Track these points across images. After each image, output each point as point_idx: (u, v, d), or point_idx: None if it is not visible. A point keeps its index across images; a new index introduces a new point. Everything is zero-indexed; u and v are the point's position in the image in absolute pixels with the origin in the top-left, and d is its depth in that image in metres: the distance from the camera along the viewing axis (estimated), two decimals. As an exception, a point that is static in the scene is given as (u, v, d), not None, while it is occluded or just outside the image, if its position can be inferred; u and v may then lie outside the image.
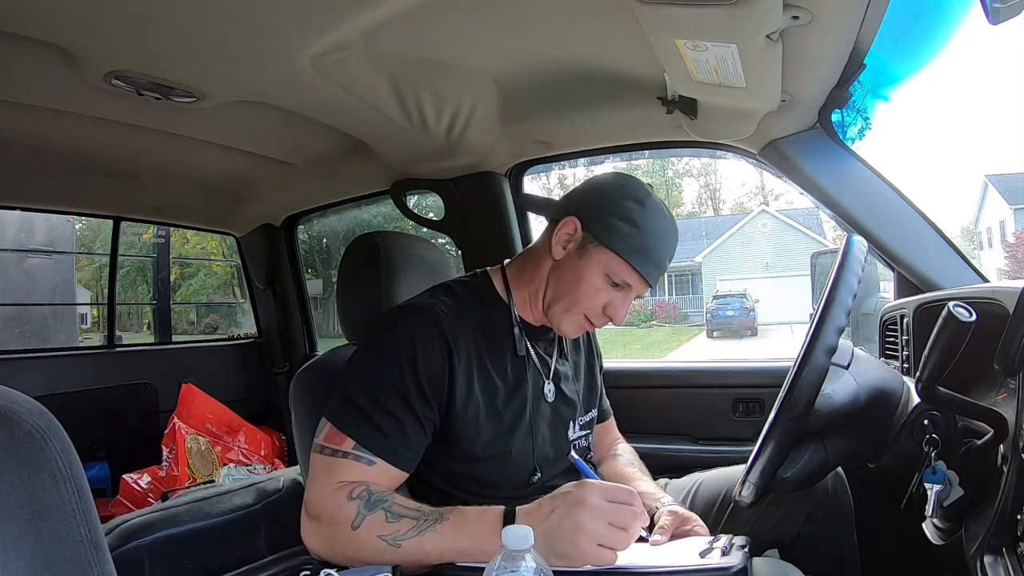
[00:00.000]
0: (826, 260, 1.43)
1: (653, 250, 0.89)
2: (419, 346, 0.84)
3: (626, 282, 0.89)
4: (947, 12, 1.06)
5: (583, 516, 0.70)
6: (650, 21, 0.82)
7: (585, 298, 0.90)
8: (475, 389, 0.88)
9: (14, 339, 5.19)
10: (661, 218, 0.90)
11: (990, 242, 15.19)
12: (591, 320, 0.92)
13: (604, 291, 0.90)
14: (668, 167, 26.65)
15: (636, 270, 0.88)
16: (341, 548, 0.77)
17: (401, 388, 0.83)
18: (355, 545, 0.75)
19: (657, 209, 0.90)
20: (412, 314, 0.88)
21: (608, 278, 0.89)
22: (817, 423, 0.80)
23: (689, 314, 18.60)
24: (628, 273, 0.89)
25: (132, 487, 1.95)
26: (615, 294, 0.91)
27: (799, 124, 1.24)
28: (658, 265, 0.89)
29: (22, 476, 0.38)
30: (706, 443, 1.49)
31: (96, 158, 1.58)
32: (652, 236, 0.89)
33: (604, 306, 0.91)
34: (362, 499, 0.76)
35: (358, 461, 0.80)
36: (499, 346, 0.93)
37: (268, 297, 2.33)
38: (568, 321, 0.92)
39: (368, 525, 0.75)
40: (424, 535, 0.74)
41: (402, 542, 0.73)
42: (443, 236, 1.78)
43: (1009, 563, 0.63)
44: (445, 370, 0.85)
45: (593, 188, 0.94)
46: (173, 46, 0.98)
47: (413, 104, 1.24)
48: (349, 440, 0.80)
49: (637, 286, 0.90)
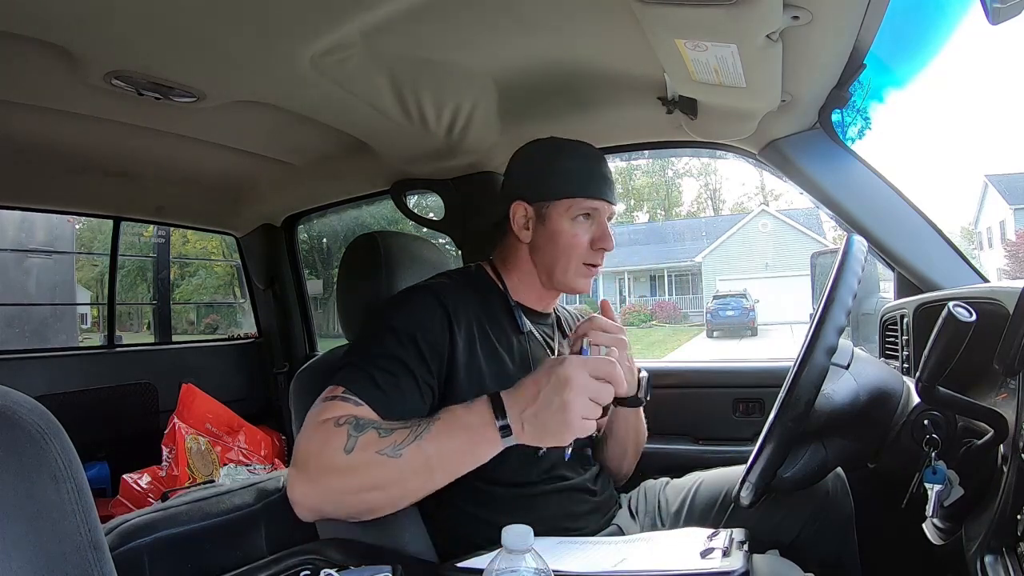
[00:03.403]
0: (826, 260, 1.43)
1: (585, 171, 0.97)
2: (419, 315, 0.88)
3: (588, 211, 0.97)
4: (947, 12, 1.06)
5: (570, 395, 0.70)
6: (650, 21, 0.82)
7: (570, 248, 0.96)
8: (478, 357, 0.91)
9: (14, 339, 5.19)
10: (574, 147, 0.99)
11: (990, 242, 15.20)
12: (589, 263, 0.98)
13: (579, 231, 0.97)
14: (668, 167, 26.73)
15: (588, 196, 0.96)
16: (335, 482, 0.73)
17: (400, 352, 0.84)
18: (351, 471, 0.72)
19: (566, 144, 1.00)
20: (411, 291, 0.94)
21: (574, 220, 0.96)
22: (817, 423, 0.80)
23: (689, 314, 18.61)
24: (584, 203, 0.96)
25: (132, 487, 1.95)
26: (589, 226, 0.98)
27: (799, 124, 1.24)
28: (599, 178, 0.97)
29: (22, 476, 0.38)
30: (706, 443, 1.49)
31: (96, 158, 1.58)
32: (579, 162, 0.97)
33: (590, 244, 0.97)
34: (349, 423, 0.74)
35: (344, 401, 0.79)
36: (500, 323, 0.97)
37: (268, 297, 2.33)
38: (573, 277, 0.98)
39: (362, 446, 0.72)
40: (421, 439, 0.72)
41: (401, 450, 0.72)
42: (443, 236, 1.78)
43: (1009, 563, 0.63)
44: (446, 337, 0.88)
45: (517, 169, 1.03)
46: (173, 46, 0.98)
47: (413, 104, 1.24)
48: (339, 388, 0.80)
49: (601, 207, 0.97)
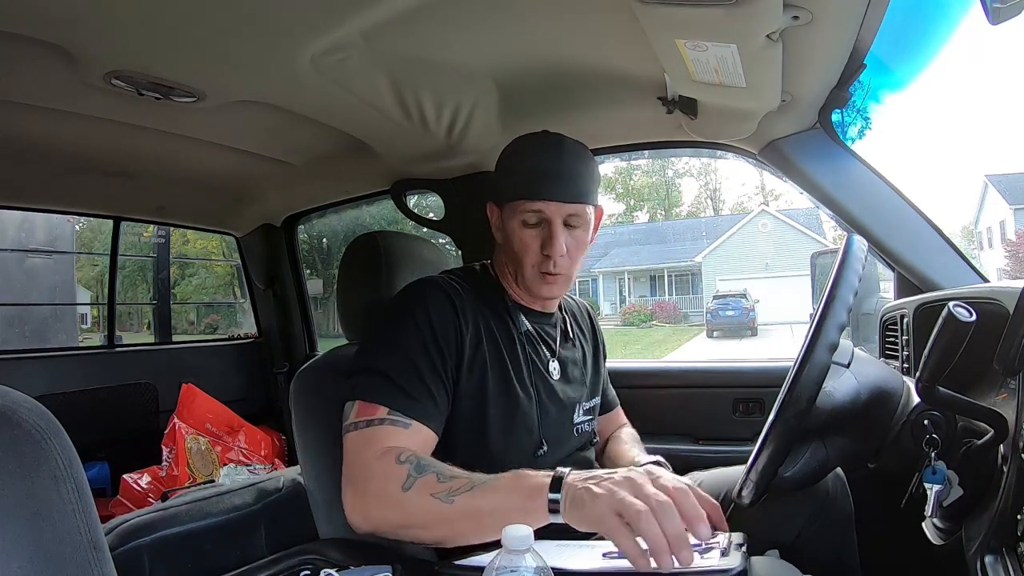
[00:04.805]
0: (826, 260, 1.43)
1: (535, 170, 0.91)
2: (430, 306, 0.89)
3: (535, 214, 0.92)
4: (947, 12, 1.06)
5: (619, 484, 0.66)
6: (650, 21, 0.82)
7: (521, 251, 0.94)
8: (483, 349, 0.91)
9: (14, 339, 5.20)
10: (536, 143, 0.94)
11: (990, 242, 15.20)
12: (543, 269, 0.94)
13: (529, 235, 0.93)
14: (668, 167, 26.72)
15: (530, 198, 0.91)
16: (390, 514, 0.76)
17: (421, 348, 0.85)
18: (406, 507, 0.74)
19: (529, 140, 0.95)
20: (418, 284, 0.94)
21: (524, 223, 0.93)
22: (818, 421, 0.80)
23: (689, 314, 18.61)
24: (527, 205, 0.91)
25: (132, 487, 1.95)
26: (541, 232, 0.93)
27: (799, 124, 1.24)
28: (548, 177, 0.90)
29: (22, 476, 0.38)
30: (706, 443, 1.49)
31: (96, 158, 1.58)
32: (532, 160, 0.92)
33: (541, 248, 0.93)
34: (411, 463, 0.76)
35: (394, 426, 0.80)
36: (503, 321, 0.97)
37: (268, 297, 2.33)
38: (531, 282, 0.96)
39: (420, 486, 0.74)
40: (476, 490, 0.73)
41: (455, 497, 0.73)
42: (443, 236, 1.78)
43: (1009, 563, 0.63)
44: (456, 326, 0.89)
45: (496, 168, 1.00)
46: (173, 46, 0.98)
47: (413, 104, 1.24)
48: (382, 408, 0.81)
49: (547, 210, 0.91)
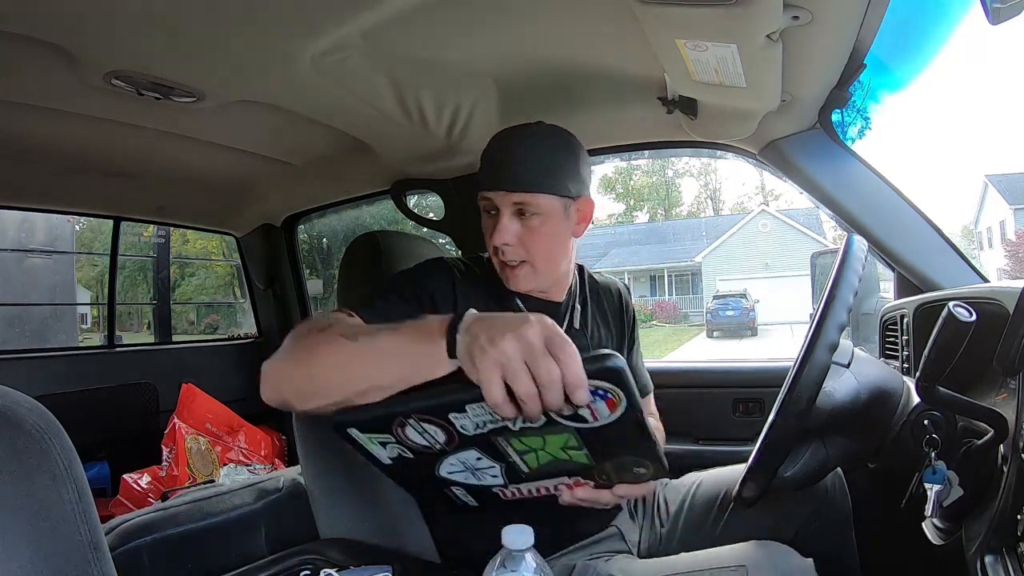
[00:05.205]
0: (826, 260, 1.43)
1: (489, 160, 0.93)
2: (429, 275, 0.93)
3: (488, 202, 0.94)
4: (947, 12, 1.06)
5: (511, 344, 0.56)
6: (650, 21, 0.82)
7: (485, 240, 0.96)
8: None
9: (14, 339, 5.19)
10: (502, 135, 0.95)
11: (990, 242, 15.21)
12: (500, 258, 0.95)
13: (488, 224, 0.95)
14: (668, 167, 26.75)
15: (482, 187, 0.93)
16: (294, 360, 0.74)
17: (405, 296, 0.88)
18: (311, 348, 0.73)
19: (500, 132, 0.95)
20: (423, 262, 0.98)
21: (486, 212, 0.96)
22: (818, 420, 0.80)
23: (689, 314, 18.63)
24: (484, 194, 0.93)
25: (132, 487, 1.94)
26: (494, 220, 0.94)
27: (799, 124, 1.24)
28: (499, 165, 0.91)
29: (22, 476, 0.38)
30: (706, 443, 1.49)
31: (96, 158, 1.58)
32: (491, 150, 0.93)
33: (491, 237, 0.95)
34: (323, 318, 0.80)
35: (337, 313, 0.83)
36: (500, 307, 0.96)
37: (268, 297, 2.33)
38: (498, 270, 0.97)
39: (332, 331, 0.74)
40: (382, 332, 0.71)
41: (360, 336, 0.72)
42: (443, 236, 1.78)
43: (1009, 563, 0.63)
44: (452, 296, 0.91)
45: None
46: (173, 46, 0.98)
47: (413, 104, 1.24)
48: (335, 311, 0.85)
49: (495, 199, 0.92)
